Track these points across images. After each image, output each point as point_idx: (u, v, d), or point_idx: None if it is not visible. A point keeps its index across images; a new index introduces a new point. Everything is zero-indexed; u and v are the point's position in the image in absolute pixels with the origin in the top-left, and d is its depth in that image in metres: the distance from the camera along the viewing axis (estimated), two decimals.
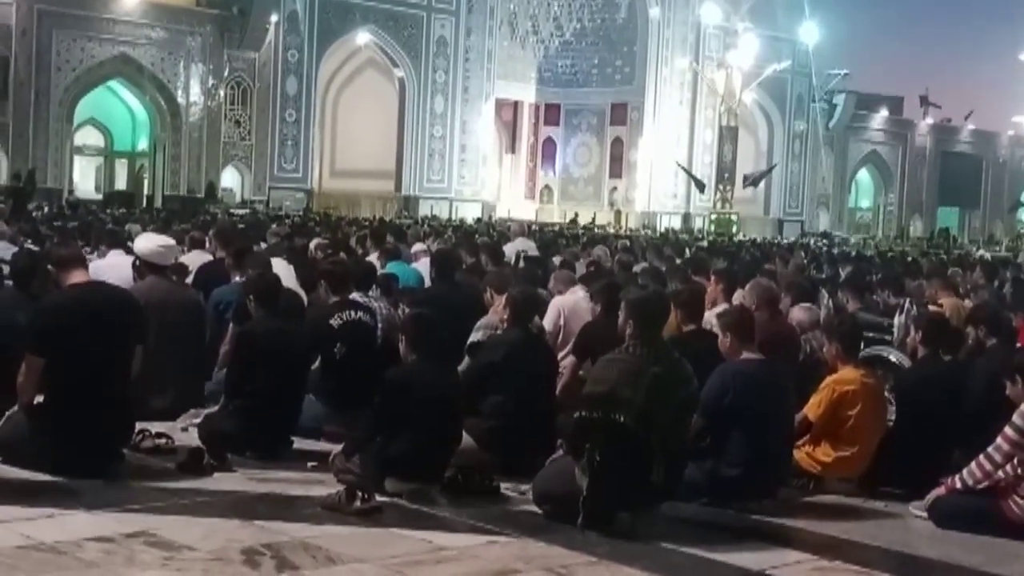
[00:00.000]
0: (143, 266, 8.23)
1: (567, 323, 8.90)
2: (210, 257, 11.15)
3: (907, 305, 10.90)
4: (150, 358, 6.92)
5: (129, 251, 9.87)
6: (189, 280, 9.86)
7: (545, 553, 5.53)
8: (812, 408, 7.30)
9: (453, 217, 43.10)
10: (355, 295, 8.66)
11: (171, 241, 9.16)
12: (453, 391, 6.81)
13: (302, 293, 9.47)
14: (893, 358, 9.39)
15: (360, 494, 5.93)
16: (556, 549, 5.59)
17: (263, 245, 14.55)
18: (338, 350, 8.07)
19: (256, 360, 7.23)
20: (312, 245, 13.72)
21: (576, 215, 49.53)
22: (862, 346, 8.89)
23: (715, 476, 6.61)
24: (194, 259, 10.90)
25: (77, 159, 45.62)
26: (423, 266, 11.98)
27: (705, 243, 30.58)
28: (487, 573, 5.14)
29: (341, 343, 8.07)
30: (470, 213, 46.14)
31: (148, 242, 8.65)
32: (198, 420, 7.43)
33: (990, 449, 6.53)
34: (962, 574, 5.78)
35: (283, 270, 9.70)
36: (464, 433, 6.90)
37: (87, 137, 46.76)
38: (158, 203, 41.16)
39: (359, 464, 6.36)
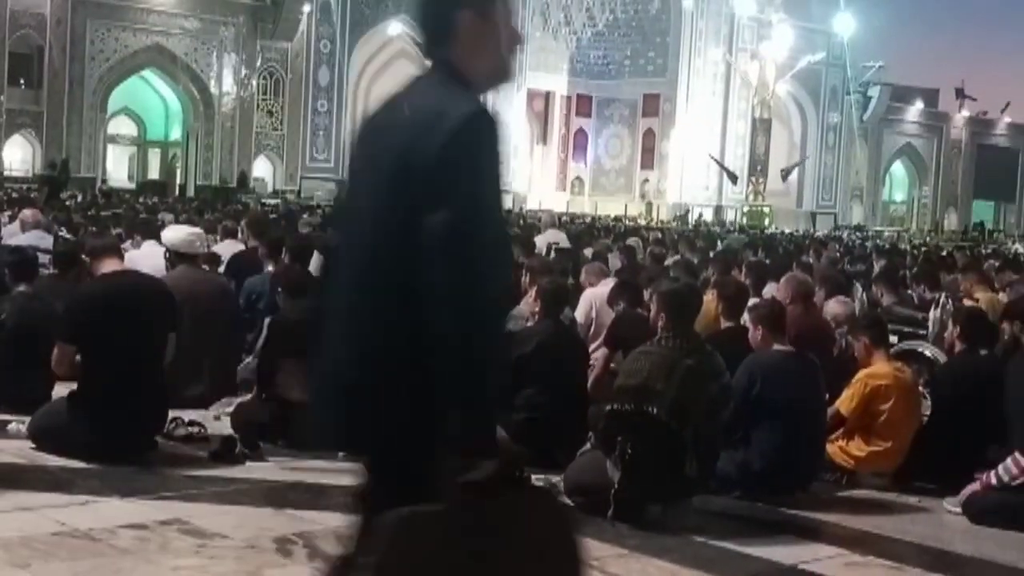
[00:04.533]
0: (173, 256, 8.27)
1: (599, 315, 8.88)
2: (242, 247, 11.20)
3: (942, 299, 10.80)
4: (183, 346, 6.96)
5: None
6: (221, 270, 9.90)
7: None
8: (845, 402, 7.25)
9: None
10: None
11: (199, 231, 9.21)
12: None
13: None
14: (928, 353, 9.30)
15: None
16: (587, 542, 5.55)
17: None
18: None
19: (288, 348, 7.24)
20: None
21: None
22: (896, 340, 8.83)
23: (746, 469, 6.57)
24: (226, 249, 10.95)
25: (110, 148, 45.99)
26: None
27: (737, 235, 30.45)
28: None
29: None
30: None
31: (176, 232, 8.74)
32: (230, 408, 7.47)
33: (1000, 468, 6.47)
34: (996, 570, 5.73)
35: (315, 260, 9.72)
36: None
37: (120, 126, 47.12)
38: (190, 192, 41.44)
39: None
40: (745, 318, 7.55)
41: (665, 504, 5.99)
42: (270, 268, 9.58)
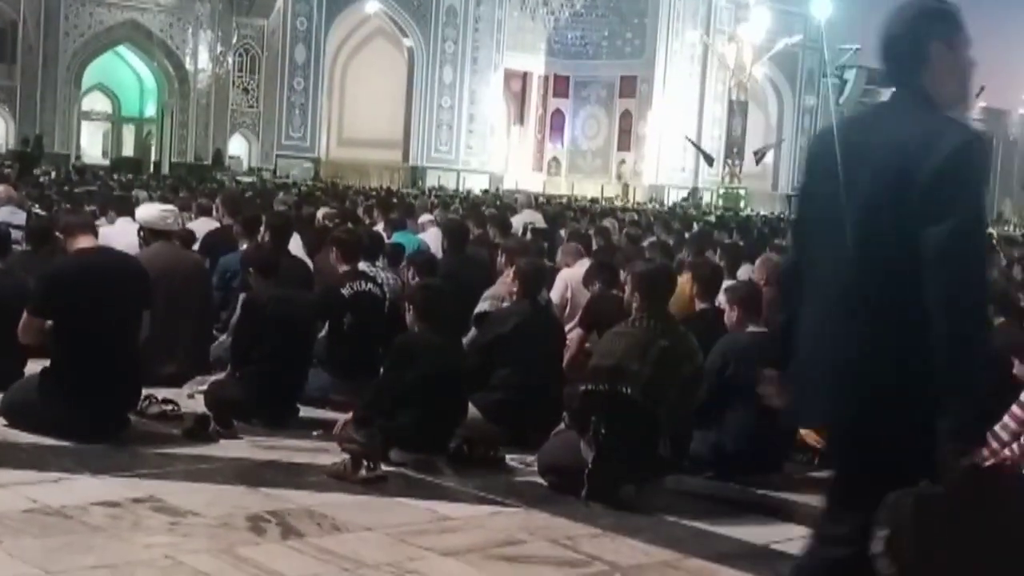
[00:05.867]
0: (147, 233, 8.23)
1: (574, 296, 8.89)
2: (217, 224, 11.14)
3: None
4: (156, 324, 6.93)
5: None
6: (196, 248, 9.85)
7: (549, 524, 5.54)
8: None
9: (460, 188, 43.06)
10: (363, 265, 8.67)
11: (172, 208, 9.17)
12: (459, 362, 6.81)
13: (309, 262, 9.49)
14: None
15: (365, 463, 5.95)
16: (560, 520, 5.60)
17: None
18: (347, 320, 8.08)
19: (263, 328, 7.23)
20: (320, 214, 13.71)
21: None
22: None
23: (719, 450, 6.61)
24: (201, 226, 10.90)
25: (84, 124, 45.67)
26: (430, 237, 11.98)
27: (713, 217, 30.54)
28: (491, 543, 5.15)
29: (350, 312, 8.08)
30: (477, 184, 46.14)
31: (150, 209, 8.74)
32: (204, 387, 7.45)
33: (996, 427, 6.51)
34: None
35: (295, 240, 9.72)
36: (470, 405, 6.91)
37: (95, 102, 46.78)
38: (165, 169, 41.21)
39: (365, 433, 6.36)
40: (720, 299, 7.58)
41: (638, 484, 6.01)
42: (245, 246, 9.53)
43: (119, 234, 9.29)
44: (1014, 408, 6.45)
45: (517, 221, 15.85)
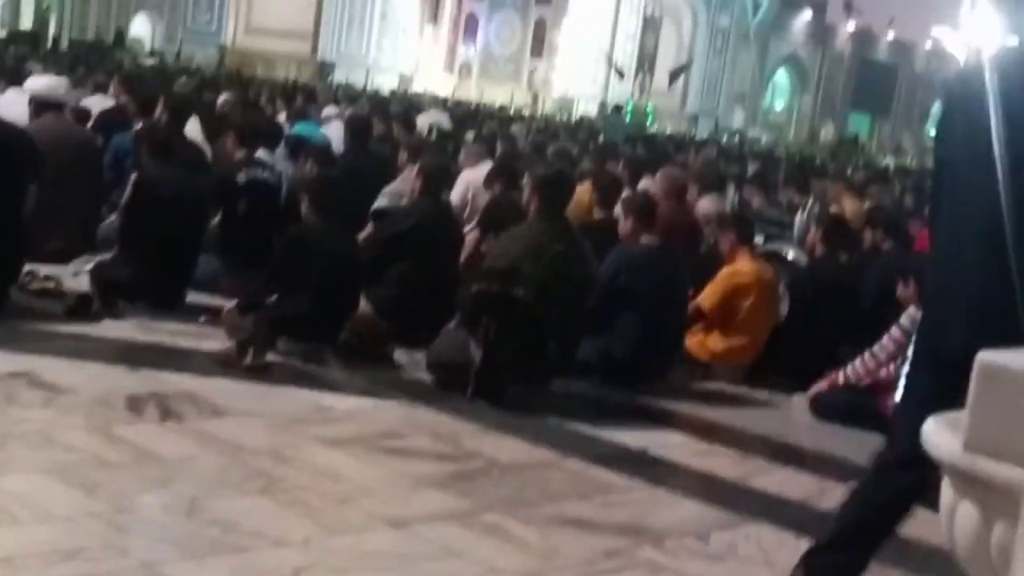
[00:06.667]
0: (38, 105, 7.97)
1: (475, 198, 8.84)
2: (113, 103, 10.83)
3: (809, 204, 11.06)
4: (44, 198, 6.72)
5: None
6: (89, 125, 9.56)
7: (433, 420, 5.57)
8: (707, 297, 7.40)
9: (368, 86, 42.40)
10: (261, 153, 8.51)
11: (64, 79, 8.91)
12: (353, 255, 6.76)
13: (207, 148, 9.28)
14: (791, 255, 9.53)
15: (251, 350, 5.90)
16: (444, 417, 5.63)
17: None
18: (240, 206, 7.95)
19: (153, 208, 7.07)
20: (220, 100, 13.40)
21: None
22: (762, 241, 9.02)
23: (607, 356, 6.69)
24: (96, 103, 10.57)
25: None
26: (333, 130, 11.79)
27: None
28: (373, 435, 5.16)
29: (244, 199, 7.95)
30: (386, 83, 45.44)
31: (40, 79, 8.49)
32: (90, 266, 7.27)
33: (875, 347, 6.71)
34: (834, 464, 5.93)
35: (191, 123, 9.49)
36: (363, 299, 6.88)
37: None
38: (64, 46, 39.76)
39: (252, 320, 6.30)
40: (618, 210, 7.62)
41: (524, 385, 6.07)
42: (140, 126, 9.28)
43: (8, 104, 8.97)
44: (893, 330, 6.64)
45: (422, 121, 15.67)
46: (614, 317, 6.72)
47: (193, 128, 9.49)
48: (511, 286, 6.04)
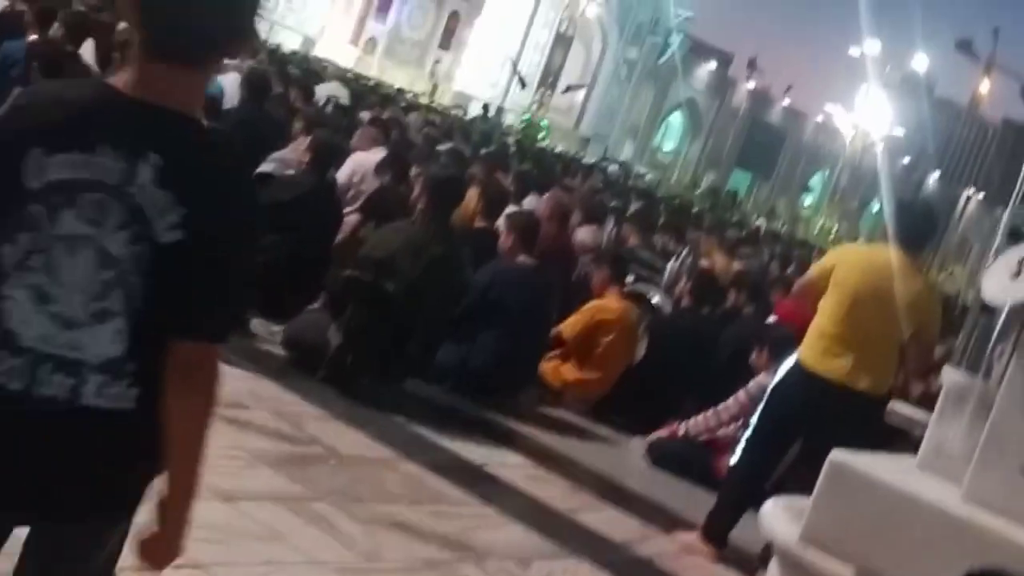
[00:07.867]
0: None
1: (361, 181, 8.78)
2: (6, 5, 10.43)
3: (684, 254, 11.28)
4: None
5: None
6: None
7: (278, 396, 5.51)
8: (570, 326, 7.49)
9: (270, 41, 41.65)
10: None
11: None
12: None
13: (98, 71, 9.02)
14: (656, 299, 9.71)
15: None
16: (291, 396, 5.58)
17: None
18: None
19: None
20: (121, 27, 13.00)
21: None
22: (632, 280, 9.17)
23: (464, 365, 6.72)
24: None
25: None
26: (229, 81, 11.55)
27: (512, 140, 30.67)
28: None
29: None
30: (289, 42, 44.70)
31: None
32: None
33: (720, 406, 6.89)
34: (658, 511, 6.05)
35: (86, 45, 9.22)
36: None
37: None
38: None
39: None
40: (500, 223, 7.66)
41: (378, 380, 6.05)
42: (34, 37, 8.96)
43: None
44: (740, 393, 6.83)
45: (321, 91, 15.49)
46: (478, 329, 6.75)
47: (87, 50, 9.22)
48: (383, 278, 6.02)
